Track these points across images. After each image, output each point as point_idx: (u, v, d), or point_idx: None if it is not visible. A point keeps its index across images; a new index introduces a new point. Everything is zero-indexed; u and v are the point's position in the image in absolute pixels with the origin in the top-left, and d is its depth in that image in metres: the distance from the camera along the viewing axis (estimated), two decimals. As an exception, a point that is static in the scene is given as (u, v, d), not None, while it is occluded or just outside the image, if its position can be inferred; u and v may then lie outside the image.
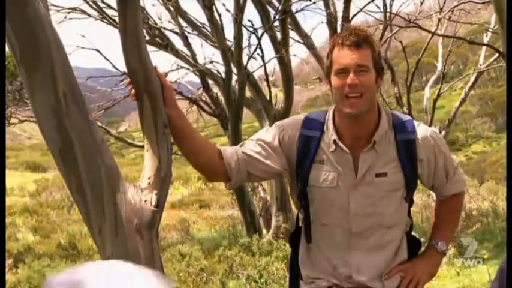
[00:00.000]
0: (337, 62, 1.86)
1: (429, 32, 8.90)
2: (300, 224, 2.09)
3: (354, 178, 1.92)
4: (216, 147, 2.03)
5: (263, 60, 8.74)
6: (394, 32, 9.25)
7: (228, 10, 8.08)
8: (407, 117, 2.02)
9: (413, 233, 2.10)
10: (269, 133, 2.02)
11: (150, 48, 5.23)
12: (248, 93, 9.15)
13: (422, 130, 1.96)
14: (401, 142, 1.93)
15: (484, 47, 10.86)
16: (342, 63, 1.84)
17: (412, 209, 2.10)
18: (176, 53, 9.68)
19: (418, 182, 2.03)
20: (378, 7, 8.88)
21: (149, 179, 1.83)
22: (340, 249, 1.96)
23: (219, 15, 7.89)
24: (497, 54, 9.12)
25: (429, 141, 1.95)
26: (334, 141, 1.94)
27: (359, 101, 1.84)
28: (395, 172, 1.92)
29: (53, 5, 8.92)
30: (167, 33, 10.00)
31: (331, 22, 8.22)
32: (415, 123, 1.99)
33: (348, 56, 1.83)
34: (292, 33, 9.07)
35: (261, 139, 2.01)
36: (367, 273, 1.96)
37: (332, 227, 1.96)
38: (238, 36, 7.72)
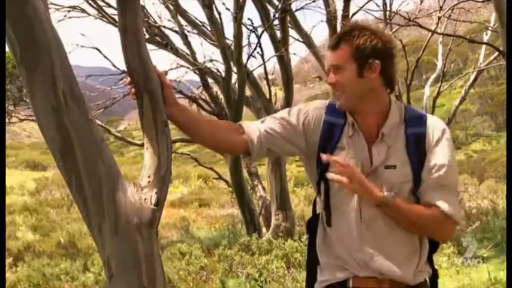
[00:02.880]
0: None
1: (429, 30, 8.90)
2: (318, 211, 2.10)
3: (368, 166, 1.95)
4: (231, 123, 2.13)
5: (263, 59, 8.76)
6: (393, 30, 9.26)
7: (227, 9, 8.08)
8: (421, 112, 2.04)
9: None
10: (293, 115, 2.06)
11: (149, 46, 5.24)
12: (248, 92, 9.16)
13: (432, 123, 1.99)
14: (411, 135, 1.95)
15: (484, 46, 10.88)
16: (326, 64, 2.03)
17: None
18: (176, 51, 9.69)
19: None
20: (378, 5, 8.92)
21: (149, 177, 1.83)
22: (354, 235, 1.97)
23: (219, 13, 7.89)
24: (497, 53, 9.14)
25: (436, 132, 1.96)
26: (353, 124, 1.98)
27: (341, 96, 1.96)
28: (404, 166, 1.94)
29: (52, 3, 8.93)
30: (167, 31, 10.02)
31: (331, 21, 8.22)
32: (429, 116, 2.01)
33: (328, 57, 2.00)
34: (292, 32, 9.08)
35: (284, 118, 2.05)
36: (382, 260, 1.95)
37: (348, 213, 1.98)
38: (238, 35, 7.72)
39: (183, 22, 9.77)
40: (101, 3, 9.14)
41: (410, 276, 1.96)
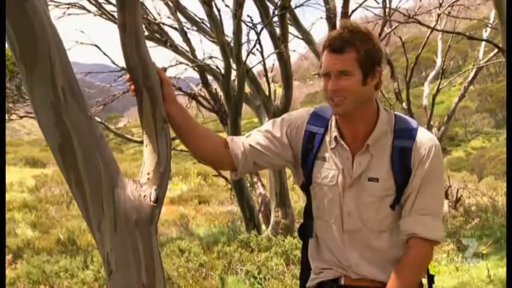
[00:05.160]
0: (323, 65, 1.88)
1: (428, 27, 8.89)
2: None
3: (350, 177, 1.93)
4: (221, 138, 2.05)
5: (262, 56, 8.74)
6: (393, 27, 9.27)
7: (227, 5, 8.07)
8: (413, 124, 1.95)
9: None
10: (276, 126, 2.03)
11: (149, 43, 5.22)
12: (247, 89, 9.15)
13: (422, 138, 1.91)
14: (397, 148, 1.89)
15: (483, 43, 10.87)
16: (325, 67, 1.87)
17: None
18: (175, 48, 9.67)
19: None
20: (377, 2, 8.89)
21: (148, 174, 1.83)
22: (338, 245, 1.98)
23: (218, 10, 7.87)
24: (496, 50, 9.12)
25: (423, 149, 1.88)
26: (335, 138, 1.95)
27: (343, 102, 1.85)
28: (387, 178, 1.89)
29: (52, 0, 8.91)
30: (166, 28, 9.99)
31: (330, 18, 8.21)
32: (420, 130, 1.93)
33: (330, 61, 1.85)
34: (292, 29, 9.06)
35: (268, 131, 2.03)
36: (367, 267, 1.95)
37: (330, 224, 1.98)
38: (237, 32, 7.70)
39: (182, 19, 9.75)
40: (101, 0, 9.12)
41: None
